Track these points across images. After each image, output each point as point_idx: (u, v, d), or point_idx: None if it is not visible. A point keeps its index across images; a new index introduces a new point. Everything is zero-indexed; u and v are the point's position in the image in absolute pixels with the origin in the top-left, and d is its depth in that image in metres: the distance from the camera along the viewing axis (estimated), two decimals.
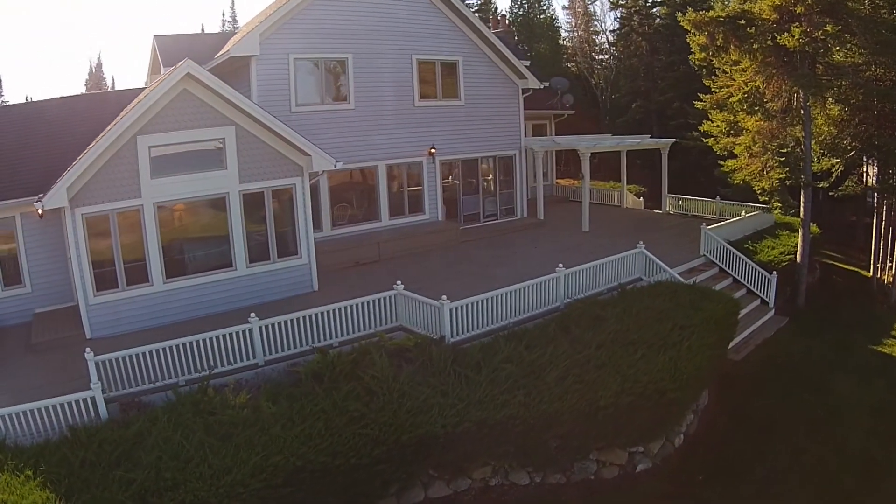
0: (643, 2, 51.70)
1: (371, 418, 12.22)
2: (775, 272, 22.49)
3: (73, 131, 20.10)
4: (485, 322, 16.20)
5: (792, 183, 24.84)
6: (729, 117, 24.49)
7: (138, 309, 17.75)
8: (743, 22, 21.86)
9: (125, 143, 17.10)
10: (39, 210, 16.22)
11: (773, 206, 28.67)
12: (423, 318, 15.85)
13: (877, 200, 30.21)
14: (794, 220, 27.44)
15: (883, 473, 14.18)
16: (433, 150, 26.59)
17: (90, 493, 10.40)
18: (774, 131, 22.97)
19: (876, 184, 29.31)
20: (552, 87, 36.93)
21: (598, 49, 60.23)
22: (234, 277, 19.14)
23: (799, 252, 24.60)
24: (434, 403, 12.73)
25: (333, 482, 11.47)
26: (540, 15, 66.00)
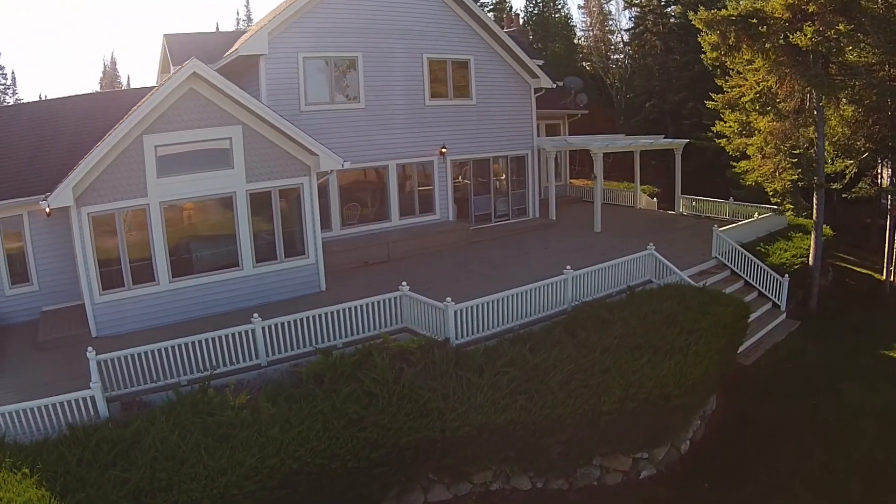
0: (657, 1, 51.27)
1: (370, 421, 12.13)
2: (787, 275, 22.21)
3: (83, 130, 20.23)
4: (491, 324, 16.02)
5: (804, 184, 24.53)
6: (741, 117, 24.18)
7: (144, 308, 17.76)
8: (755, 21, 21.55)
9: (131, 143, 17.11)
10: (46, 209, 16.26)
11: (784, 207, 28.34)
12: (428, 319, 15.70)
13: (891, 202, 29.80)
14: (807, 222, 27.10)
15: (890, 481, 13.89)
16: (444, 150, 26.48)
17: (85, 491, 10.40)
18: (787, 132, 22.65)
19: (890, 185, 28.98)
20: (566, 86, 36.69)
21: (613, 48, 59.83)
22: (240, 277, 19.10)
23: (811, 255, 24.28)
24: (434, 407, 12.61)
25: (330, 485, 11.38)
26: (555, 14, 65.71)
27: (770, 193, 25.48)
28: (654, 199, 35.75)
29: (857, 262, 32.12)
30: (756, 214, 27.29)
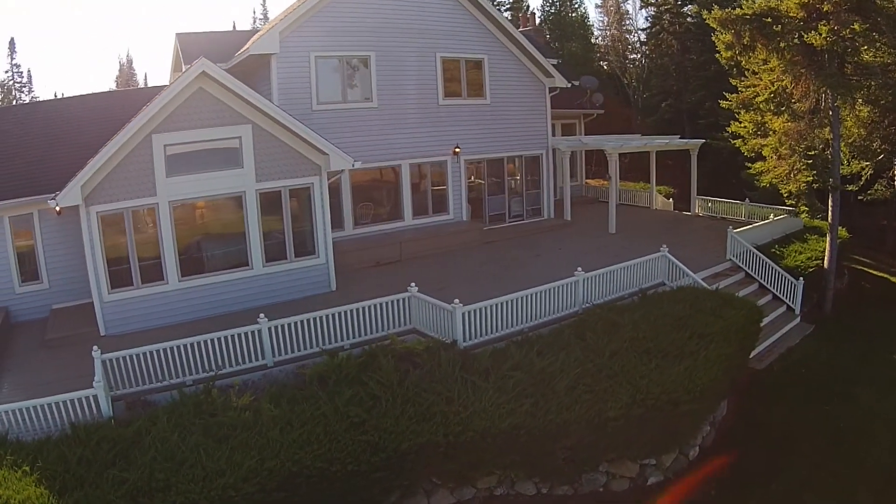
0: (673, 0, 50.84)
1: (372, 424, 12.04)
2: (802, 278, 21.88)
3: (95, 129, 20.20)
4: (499, 326, 15.84)
5: (819, 186, 24.16)
6: (756, 118, 23.83)
7: (153, 307, 17.79)
8: (769, 20, 21.16)
9: (140, 142, 17.14)
10: (57, 208, 16.30)
11: (799, 209, 27.96)
12: (436, 321, 15.57)
13: None
14: (822, 224, 26.66)
15: None
16: (458, 150, 26.35)
17: (83, 490, 10.39)
18: (802, 133, 22.28)
19: None
20: (581, 86, 36.44)
21: (630, 48, 59.45)
22: (250, 277, 19.09)
23: (826, 257, 23.91)
24: (438, 411, 12.48)
25: (330, 488, 11.29)
26: (571, 13, 65.39)
27: (785, 195, 25.14)
28: (670, 199, 35.42)
29: (872, 265, 31.59)
30: (771, 216, 26.98)
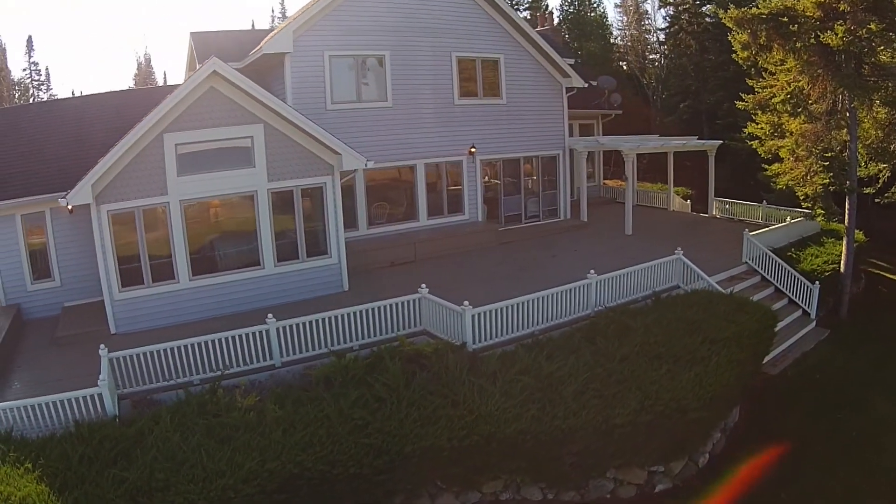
0: (692, 0, 50.36)
1: (376, 427, 11.94)
2: (818, 282, 21.55)
3: (111, 127, 20.24)
4: (510, 329, 15.66)
5: (836, 189, 23.77)
6: (773, 119, 23.48)
7: (163, 306, 17.85)
8: (786, 19, 20.86)
9: (152, 141, 17.19)
10: (69, 207, 16.36)
11: (815, 212, 27.56)
12: (446, 323, 15.45)
13: None
14: (840, 227, 26.19)
15: None
16: (473, 150, 26.19)
17: (83, 489, 10.40)
18: (819, 134, 21.90)
19: None
20: (599, 86, 36.22)
21: (649, 48, 59.01)
22: (261, 276, 19.09)
23: (843, 261, 23.54)
24: (443, 414, 12.36)
25: (332, 490, 11.23)
26: (590, 13, 65.00)
27: (801, 198, 24.77)
28: (688, 201, 35.11)
29: (890, 269, 31.04)
30: (788, 218, 26.64)
